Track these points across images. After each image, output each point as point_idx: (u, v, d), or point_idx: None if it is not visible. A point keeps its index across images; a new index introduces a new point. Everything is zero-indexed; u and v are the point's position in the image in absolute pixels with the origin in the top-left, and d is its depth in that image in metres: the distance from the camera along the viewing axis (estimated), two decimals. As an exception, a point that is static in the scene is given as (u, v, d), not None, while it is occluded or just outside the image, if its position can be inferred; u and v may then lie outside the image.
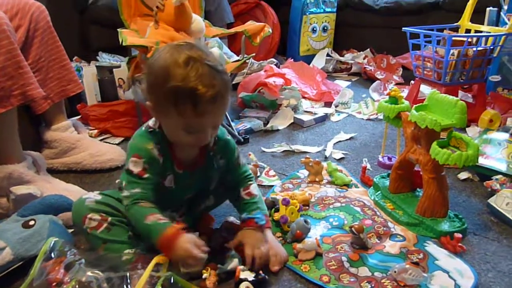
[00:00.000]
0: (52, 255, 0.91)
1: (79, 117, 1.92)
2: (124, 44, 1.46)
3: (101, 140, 1.78)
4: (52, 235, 1.04)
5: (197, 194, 1.13)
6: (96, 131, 1.83)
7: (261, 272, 0.97)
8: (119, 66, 2.05)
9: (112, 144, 1.69)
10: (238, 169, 1.11)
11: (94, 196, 1.02)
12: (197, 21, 1.70)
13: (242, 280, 0.95)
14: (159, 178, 0.99)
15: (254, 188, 1.10)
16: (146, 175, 0.95)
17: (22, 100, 1.20)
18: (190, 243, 0.89)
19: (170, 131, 0.96)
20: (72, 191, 1.27)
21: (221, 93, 0.89)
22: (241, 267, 0.98)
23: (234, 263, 0.99)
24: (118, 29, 1.61)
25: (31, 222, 1.06)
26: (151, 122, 1.00)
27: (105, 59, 2.30)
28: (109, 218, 0.98)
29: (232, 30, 1.85)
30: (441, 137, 1.17)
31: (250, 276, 0.96)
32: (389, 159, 1.44)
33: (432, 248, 1.09)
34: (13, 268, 0.99)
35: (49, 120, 1.50)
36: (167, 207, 1.03)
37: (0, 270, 0.97)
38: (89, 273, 0.82)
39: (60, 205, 1.14)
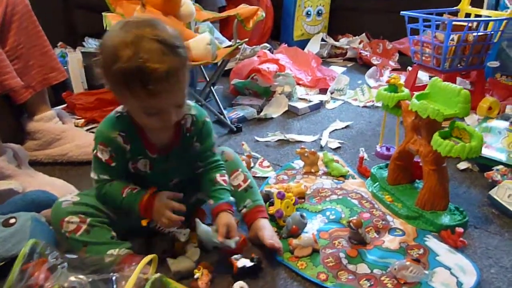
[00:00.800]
0: (33, 257, 0.85)
1: (64, 106, 1.84)
2: (108, 28, 1.38)
3: (88, 130, 1.71)
4: (34, 233, 0.99)
5: (184, 184, 1.08)
6: (82, 120, 1.75)
7: (253, 255, 0.97)
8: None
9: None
10: (213, 155, 1.06)
11: (72, 197, 0.97)
12: (187, 4, 1.62)
13: (241, 270, 0.94)
14: (129, 164, 0.98)
15: (227, 178, 1.06)
16: (113, 164, 0.95)
17: (-1, 91, 1.13)
18: (163, 204, 0.94)
19: (134, 114, 0.92)
20: (56, 185, 1.21)
21: (174, 70, 0.82)
22: (234, 256, 0.96)
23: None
24: (103, 13, 1.52)
25: (12, 220, 1.01)
26: (120, 107, 0.96)
27: (92, 44, 2.20)
28: (88, 220, 0.93)
29: (224, 14, 1.77)
30: (443, 126, 1.12)
31: (247, 262, 0.95)
32: (388, 149, 1.40)
33: (432, 242, 1.05)
34: (-7, 269, 0.94)
35: (32, 110, 1.43)
36: None
37: (-21, 271, 0.92)
38: (71, 278, 0.77)
39: (43, 201, 1.09)
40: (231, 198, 1.03)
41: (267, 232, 1.03)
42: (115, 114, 0.96)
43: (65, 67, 1.91)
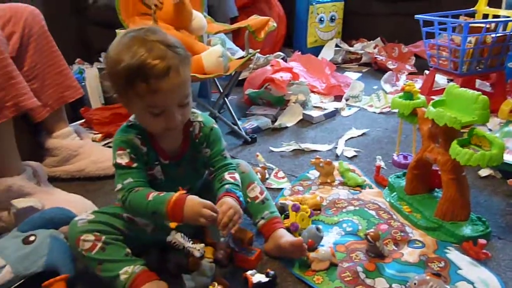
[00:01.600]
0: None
1: (82, 121, 1.88)
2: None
3: (105, 144, 1.74)
4: (52, 251, 1.01)
5: (198, 193, 1.08)
6: (100, 135, 1.78)
7: (269, 270, 0.96)
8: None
9: (116, 148, 1.64)
10: (224, 160, 1.06)
11: (87, 216, 0.98)
12: (198, 18, 1.63)
13: (256, 285, 0.93)
14: (147, 168, 0.99)
15: (237, 176, 1.04)
16: (134, 164, 0.96)
17: (16, 112, 1.16)
18: (197, 202, 0.90)
19: (140, 119, 0.95)
20: (74, 202, 1.23)
21: (174, 66, 0.86)
22: (249, 272, 0.96)
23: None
24: (117, 30, 1.55)
25: (32, 238, 1.02)
26: (132, 117, 1.00)
27: (108, 59, 2.24)
28: (103, 237, 0.94)
29: (235, 26, 1.78)
30: (461, 131, 1.09)
31: (263, 278, 0.95)
32: (405, 157, 1.36)
33: (453, 255, 1.02)
34: (13, 287, 0.95)
35: (50, 128, 1.46)
36: None
37: (0, 290, 0.94)
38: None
39: (61, 219, 1.10)
40: (234, 188, 1.00)
41: (290, 238, 1.02)
42: (128, 123, 0.99)
43: (83, 83, 1.96)
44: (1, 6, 1.31)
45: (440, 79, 2.19)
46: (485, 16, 1.95)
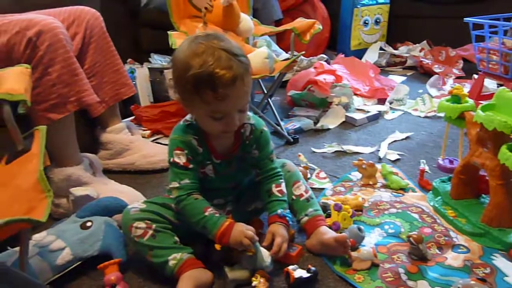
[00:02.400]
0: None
1: (132, 118, 1.98)
2: (173, 47, 1.48)
3: (153, 140, 1.82)
4: (107, 236, 1.08)
5: (244, 192, 1.14)
6: (148, 131, 1.87)
7: (310, 266, 0.98)
8: (169, 68, 2.09)
9: (164, 145, 1.72)
10: (271, 163, 1.10)
11: (139, 205, 1.05)
12: (245, 20, 1.68)
13: (298, 280, 0.95)
14: (200, 168, 1.04)
15: (284, 187, 1.09)
16: (191, 166, 1.01)
17: (78, 106, 1.25)
18: (241, 230, 0.96)
19: (200, 121, 1.00)
20: (126, 193, 1.31)
21: (239, 75, 0.91)
22: (291, 267, 0.98)
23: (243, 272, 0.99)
24: (168, 32, 1.63)
25: (88, 224, 1.11)
26: (188, 116, 1.05)
27: (157, 60, 2.35)
28: (154, 225, 1.00)
29: (281, 28, 1.81)
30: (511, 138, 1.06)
31: (304, 273, 0.96)
32: (451, 162, 1.34)
33: (500, 262, 1.00)
34: (72, 268, 1.03)
35: (104, 123, 1.56)
36: (211, 199, 1.05)
37: (60, 269, 1.02)
38: None
39: (115, 207, 1.18)
40: (284, 210, 1.05)
41: (333, 234, 1.05)
42: (185, 123, 1.04)
43: (134, 82, 2.06)
44: (65, 10, 1.42)
45: (490, 84, 2.12)
46: (540, 19, 1.87)
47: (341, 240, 1.01)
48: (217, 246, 0.99)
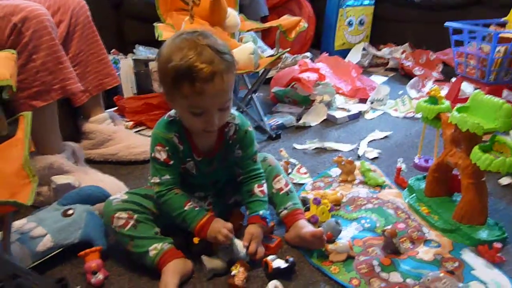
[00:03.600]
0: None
1: (115, 108, 1.97)
2: (160, 39, 1.48)
3: (136, 132, 1.82)
4: (88, 224, 1.09)
5: (224, 185, 1.15)
6: (131, 123, 1.87)
7: (288, 257, 1.01)
8: (154, 59, 2.08)
9: (147, 136, 1.72)
10: (253, 164, 1.12)
11: (121, 196, 1.06)
12: (232, 15, 1.70)
13: (276, 270, 0.98)
14: (181, 164, 1.05)
15: (266, 187, 1.11)
16: (171, 162, 1.02)
17: (62, 94, 1.24)
18: (220, 224, 1.00)
19: (182, 116, 1.00)
20: (107, 182, 1.31)
21: (219, 71, 0.90)
22: (270, 257, 1.01)
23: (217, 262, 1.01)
24: (154, 24, 1.63)
25: (70, 212, 1.11)
26: (172, 112, 1.05)
27: (142, 52, 2.34)
28: (135, 216, 1.02)
29: (267, 25, 1.83)
30: (483, 140, 1.11)
31: (282, 263, 0.99)
32: (426, 161, 1.40)
33: (468, 256, 1.05)
34: (52, 255, 1.04)
35: (87, 112, 1.55)
36: (192, 192, 1.07)
37: (41, 256, 1.02)
38: None
39: (96, 196, 1.18)
40: (264, 211, 1.08)
41: (311, 228, 1.07)
42: (168, 118, 1.04)
43: (117, 73, 2.05)
44: (51, -3, 1.40)
45: (467, 88, 2.19)
46: (517, 26, 1.94)
47: (318, 235, 1.04)
48: (195, 239, 1.02)
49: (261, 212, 1.07)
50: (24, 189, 0.67)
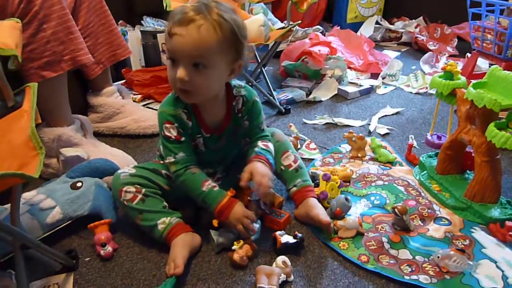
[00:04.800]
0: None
1: (123, 81, 1.95)
2: (168, 9, 1.44)
3: (144, 105, 1.81)
4: (97, 197, 1.09)
5: (232, 162, 1.14)
6: (139, 96, 1.85)
7: (297, 233, 1.01)
8: (163, 31, 2.04)
9: (155, 110, 1.71)
10: (261, 132, 1.10)
11: (129, 170, 1.05)
12: (243, -15, 1.64)
13: (284, 245, 0.98)
14: (191, 141, 1.03)
15: (271, 146, 1.09)
16: (183, 139, 1.00)
17: (72, 65, 1.22)
18: (242, 211, 0.98)
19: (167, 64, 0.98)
20: (116, 156, 1.31)
21: (198, 23, 0.87)
22: (278, 232, 1.01)
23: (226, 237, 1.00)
24: (164, -6, 1.58)
25: (79, 184, 1.11)
26: None
27: (149, 23, 2.29)
28: (143, 190, 1.01)
29: (278, -4, 1.78)
30: (499, 117, 1.08)
31: (290, 239, 0.99)
32: (439, 137, 1.37)
33: (479, 235, 1.04)
34: (61, 226, 1.04)
35: (96, 86, 1.53)
36: (202, 168, 1.04)
37: (50, 228, 1.03)
38: None
39: (105, 169, 1.18)
40: (266, 154, 1.04)
41: (321, 210, 1.06)
42: (174, 95, 1.01)
43: (126, 45, 2.02)
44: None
45: (482, 64, 2.13)
46: (538, -1, 1.86)
47: (325, 224, 1.02)
48: (215, 223, 1.00)
49: (256, 149, 1.05)
50: (32, 161, 0.66)
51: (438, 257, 0.94)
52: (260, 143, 1.07)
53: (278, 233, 1.01)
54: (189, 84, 0.92)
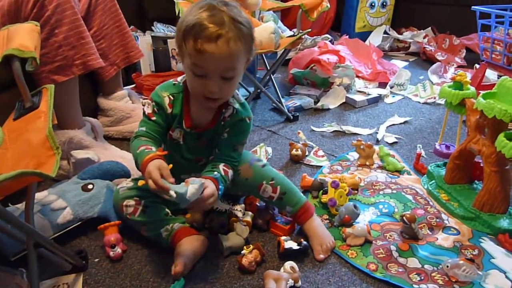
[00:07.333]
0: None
1: (133, 86, 1.97)
2: (181, 15, 1.46)
3: (153, 109, 1.82)
4: (107, 199, 1.10)
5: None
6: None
7: (302, 240, 1.01)
8: (173, 37, 2.07)
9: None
10: (231, 151, 1.04)
11: (127, 184, 1.06)
12: (254, -7, 1.66)
13: (287, 250, 0.98)
14: (166, 126, 1.02)
15: (231, 174, 1.03)
16: (154, 117, 1.00)
17: (83, 70, 1.24)
18: (157, 165, 0.88)
19: (187, 76, 0.98)
20: (126, 159, 1.31)
21: (226, 35, 0.87)
22: (284, 237, 1.01)
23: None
24: (175, 0, 1.61)
25: (90, 186, 1.12)
26: (179, 78, 1.04)
27: (160, 29, 2.32)
28: (143, 201, 1.02)
29: (289, 4, 1.80)
30: (508, 128, 1.08)
31: (294, 245, 1.00)
32: (447, 147, 1.37)
33: (488, 245, 1.04)
34: (72, 227, 1.05)
35: (107, 89, 1.55)
36: (178, 174, 0.96)
37: (61, 228, 1.04)
38: None
39: (116, 172, 1.19)
40: (221, 184, 0.98)
41: (317, 240, 1.03)
42: (173, 81, 1.03)
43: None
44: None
45: (490, 75, 2.13)
46: (548, 12, 1.87)
47: (319, 260, 1.00)
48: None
49: (215, 173, 0.98)
50: (48, 161, 0.67)
51: (447, 266, 0.93)
52: (221, 167, 1.01)
53: (283, 238, 1.02)
54: (217, 93, 0.94)
